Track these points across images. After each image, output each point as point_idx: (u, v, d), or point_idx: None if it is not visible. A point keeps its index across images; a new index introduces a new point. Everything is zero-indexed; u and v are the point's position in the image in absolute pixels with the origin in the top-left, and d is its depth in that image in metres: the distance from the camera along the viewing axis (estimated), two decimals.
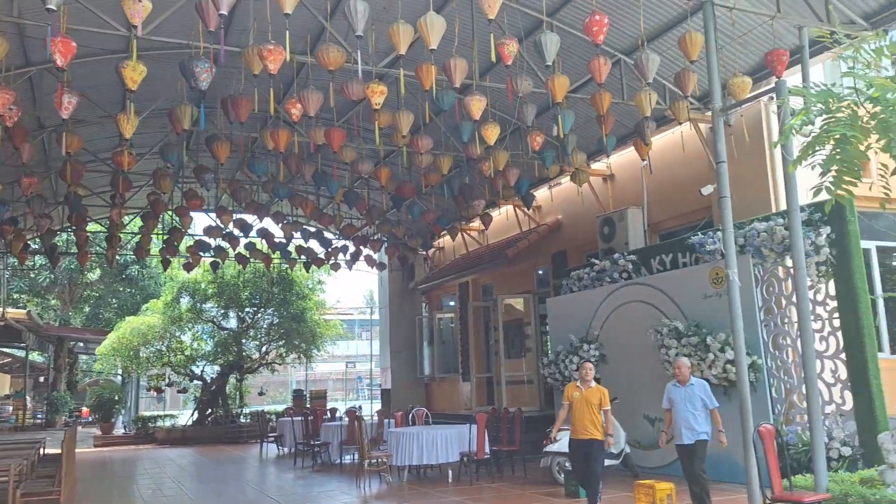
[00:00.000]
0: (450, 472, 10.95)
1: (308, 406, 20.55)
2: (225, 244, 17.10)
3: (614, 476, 9.95)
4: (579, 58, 10.73)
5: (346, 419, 13.60)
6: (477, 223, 17.11)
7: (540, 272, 16.62)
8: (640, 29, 9.20)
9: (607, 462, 9.80)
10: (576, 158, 11.68)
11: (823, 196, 5.23)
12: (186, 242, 17.38)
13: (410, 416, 13.43)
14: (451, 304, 20.97)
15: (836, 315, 8.80)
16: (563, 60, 10.42)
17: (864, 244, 11.47)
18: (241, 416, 22.74)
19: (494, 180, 12.47)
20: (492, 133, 9.74)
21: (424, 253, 20.19)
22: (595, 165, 13.79)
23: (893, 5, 8.33)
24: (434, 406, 20.24)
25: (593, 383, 7.71)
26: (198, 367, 23.21)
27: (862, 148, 5.13)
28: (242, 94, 9.29)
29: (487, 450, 10.84)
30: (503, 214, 17.25)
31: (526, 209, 15.71)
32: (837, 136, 4.92)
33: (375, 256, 18.46)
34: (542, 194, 15.76)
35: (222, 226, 15.69)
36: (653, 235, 13.16)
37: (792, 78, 9.14)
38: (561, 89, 8.74)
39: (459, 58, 8.27)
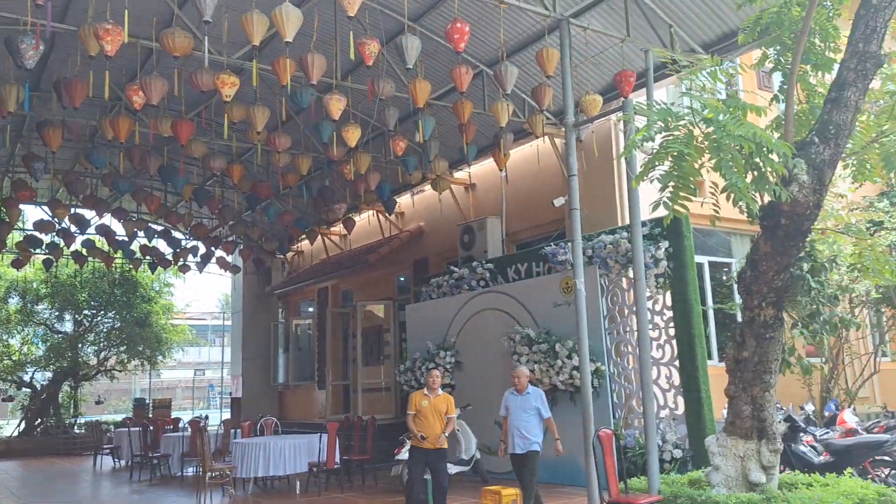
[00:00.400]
0: (297, 483, 10.57)
1: (150, 416, 19.27)
2: (59, 240, 15.70)
3: (464, 482, 9.99)
4: (443, 66, 10.78)
5: (190, 429, 12.82)
6: (339, 227, 16.79)
7: (401, 279, 16.55)
8: (501, 41, 9.36)
9: (458, 469, 9.85)
10: (437, 166, 11.72)
11: (662, 211, 5.51)
12: (15, 237, 15.81)
13: (259, 425, 12.89)
14: (310, 309, 20.46)
15: (672, 324, 9.32)
16: (426, 67, 10.42)
17: (698, 259, 12.29)
18: (76, 427, 21.00)
19: (356, 184, 12.26)
20: (353, 135, 9.55)
21: (282, 256, 19.57)
22: (457, 174, 13.94)
23: (729, 37, 8.98)
24: (287, 415, 19.63)
25: (440, 391, 7.63)
26: (27, 373, 21.24)
27: (697, 166, 5.44)
28: (78, 77, 8.51)
29: (338, 459, 10.56)
30: (365, 220, 17.04)
31: (388, 215, 15.60)
32: (675, 154, 5.17)
33: (229, 259, 17.65)
34: (404, 200, 15.71)
35: (56, 220, 14.39)
36: (510, 245, 13.45)
37: (640, 99, 9.65)
38: (423, 94, 8.70)
39: (318, 54, 8.02)
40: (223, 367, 30.99)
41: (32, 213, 31.43)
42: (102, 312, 21.29)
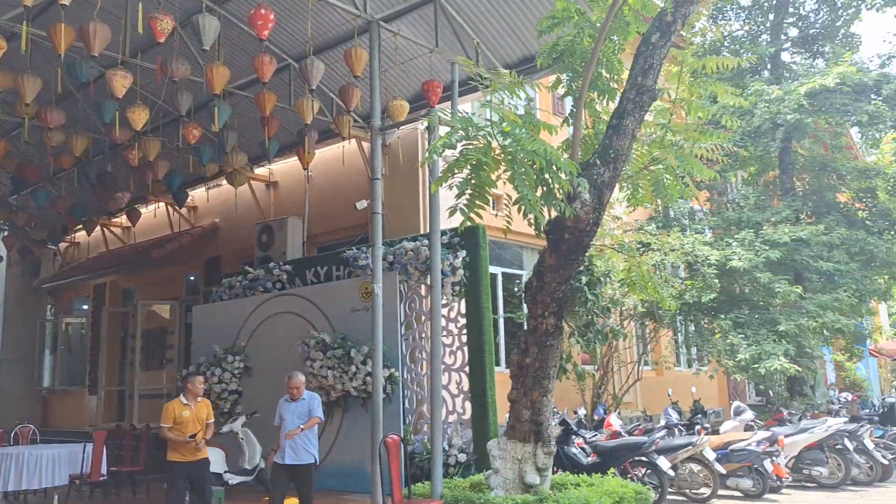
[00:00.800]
0: (56, 496, 9.44)
1: None
2: None
3: (246, 493, 9.51)
4: (246, 54, 10.27)
5: None
6: (121, 219, 15.40)
7: (191, 278, 15.52)
8: (309, 34, 9.11)
9: (241, 479, 9.34)
10: (235, 159, 11.13)
11: (459, 217, 5.61)
12: None
13: (13, 433, 11.39)
14: (84, 307, 18.57)
15: (465, 331, 9.58)
16: (228, 53, 9.88)
17: (493, 269, 12.83)
18: None
19: (142, 172, 11.28)
20: (139, 117, 8.76)
21: (53, 247, 17.57)
22: (258, 170, 13.37)
23: (530, 60, 9.47)
24: (53, 422, 17.62)
25: (201, 398, 7.12)
26: None
27: (494, 177, 5.61)
28: None
29: (104, 471, 9.59)
30: (153, 212, 15.78)
31: (178, 208, 14.57)
32: (474, 162, 5.29)
33: None
34: (198, 194, 14.78)
35: None
36: (311, 247, 13.13)
37: (447, 111, 9.85)
38: (220, 80, 8.21)
39: (102, 24, 7.25)
40: None
41: None
42: None
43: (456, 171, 5.35)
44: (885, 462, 11.00)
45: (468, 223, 5.28)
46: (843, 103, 13.69)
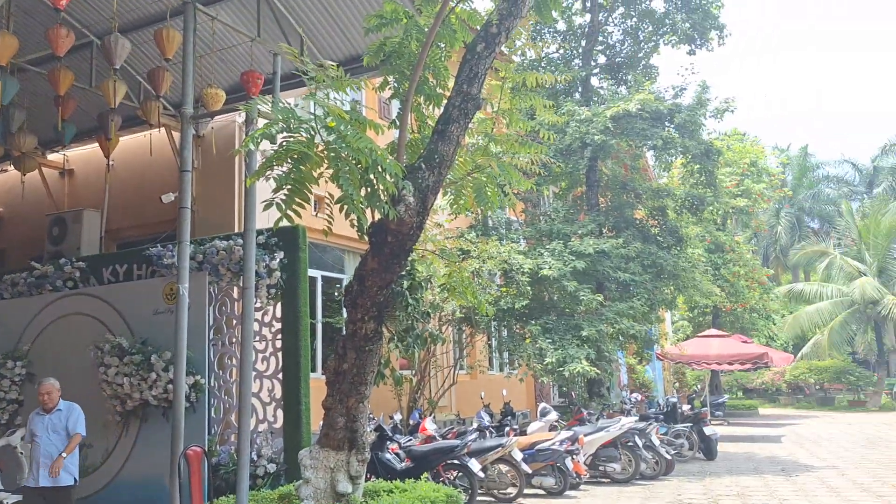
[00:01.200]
0: None
1: None
2: None
3: None
4: (43, 26, 9.18)
5: None
6: None
7: None
8: (114, 9, 8.32)
9: (16, 498, 8.28)
10: (23, 141, 9.90)
11: (277, 216, 5.32)
12: None
13: None
14: None
15: (280, 337, 9.20)
16: (20, 23, 8.78)
17: (313, 273, 12.50)
18: None
19: None
20: None
21: None
22: (51, 156, 12.03)
23: (357, 60, 9.31)
24: None
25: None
26: None
27: (316, 175, 5.38)
28: None
29: None
30: None
31: None
32: (295, 156, 5.03)
33: None
34: None
35: None
36: (110, 243, 12.02)
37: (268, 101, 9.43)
38: (6, 51, 7.25)
39: None
40: None
41: None
42: None
43: (275, 165, 5.06)
44: (668, 457, 12.10)
45: (285, 221, 5.01)
46: (642, 128, 14.95)
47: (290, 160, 4.94)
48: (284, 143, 4.89)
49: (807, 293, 33.61)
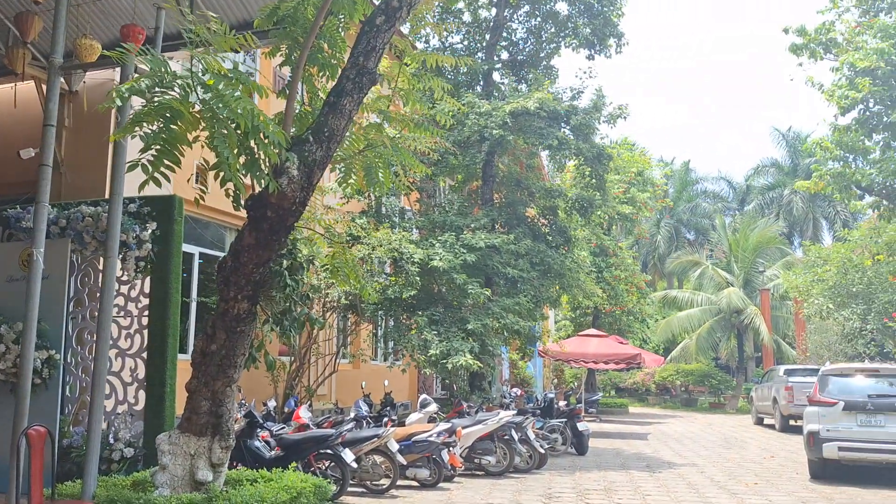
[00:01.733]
0: None
1: None
2: None
3: None
4: None
5: None
6: None
7: None
8: None
9: None
10: None
11: (154, 190, 4.87)
12: None
13: None
14: None
15: (147, 313, 8.59)
16: None
17: (190, 248, 11.84)
18: None
19: None
20: None
21: None
22: None
23: (250, 26, 8.78)
24: None
25: None
26: None
27: (191, 137, 4.96)
28: None
29: None
30: None
31: None
32: (167, 114, 4.61)
33: None
34: None
35: None
36: None
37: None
38: None
39: None
40: None
41: None
42: None
43: (146, 123, 4.62)
44: (542, 451, 12.29)
45: (152, 183, 4.57)
46: (539, 127, 15.12)
47: (161, 118, 4.50)
48: (155, 98, 4.45)
49: (679, 300, 35.47)
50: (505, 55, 18.47)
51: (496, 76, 18.20)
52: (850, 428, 11.08)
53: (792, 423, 19.94)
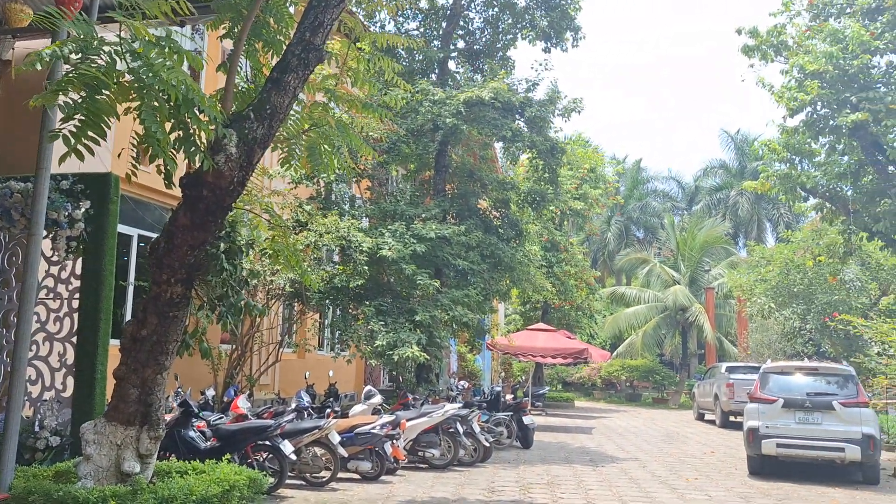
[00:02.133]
0: None
1: None
2: None
3: None
4: None
5: None
6: None
7: None
8: None
9: None
10: None
11: (89, 167, 4.54)
12: None
13: None
14: None
15: (77, 296, 8.18)
16: None
17: (129, 230, 11.38)
18: None
19: None
20: None
21: None
22: None
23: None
24: None
25: None
26: None
27: (121, 110, 4.66)
28: None
29: None
30: None
31: None
32: (94, 83, 4.30)
33: None
34: None
35: None
36: None
37: None
38: None
39: None
40: None
41: None
42: None
43: (70, 91, 4.30)
44: (487, 444, 12.22)
45: (73, 156, 4.26)
46: (493, 118, 14.99)
47: (84, 87, 4.19)
48: (79, 66, 4.14)
49: (627, 296, 35.97)
50: (461, 44, 18.29)
51: (452, 65, 18.01)
52: (789, 425, 11.30)
53: (732, 419, 20.35)
